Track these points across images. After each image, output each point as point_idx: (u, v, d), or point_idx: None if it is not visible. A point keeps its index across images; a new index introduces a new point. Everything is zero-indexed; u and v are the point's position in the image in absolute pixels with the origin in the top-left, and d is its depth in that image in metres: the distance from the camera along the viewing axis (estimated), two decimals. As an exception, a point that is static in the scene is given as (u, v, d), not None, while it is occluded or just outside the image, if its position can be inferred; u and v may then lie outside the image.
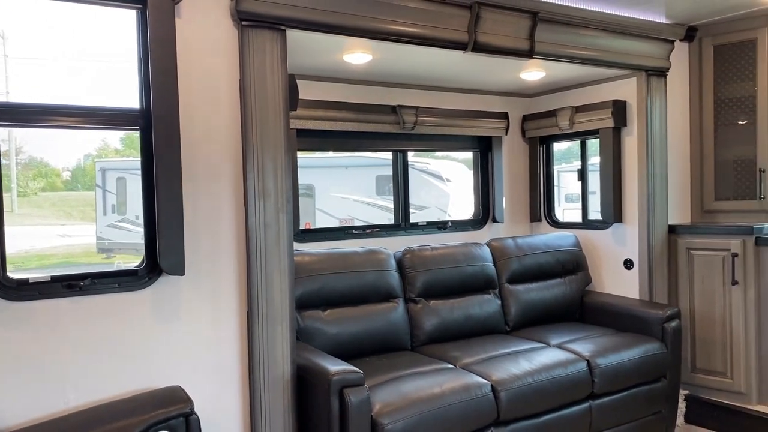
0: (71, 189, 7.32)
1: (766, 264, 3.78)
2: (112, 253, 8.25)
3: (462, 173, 9.57)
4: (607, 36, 3.75)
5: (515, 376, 3.12)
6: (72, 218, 7.52)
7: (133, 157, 8.77)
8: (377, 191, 9.59)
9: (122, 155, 8.78)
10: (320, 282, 3.36)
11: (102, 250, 8.11)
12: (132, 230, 7.98)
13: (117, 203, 8.29)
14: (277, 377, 2.71)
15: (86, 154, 7.45)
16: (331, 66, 3.55)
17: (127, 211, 8.19)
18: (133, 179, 8.27)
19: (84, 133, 6.27)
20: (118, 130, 2.52)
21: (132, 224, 7.99)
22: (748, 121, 4.01)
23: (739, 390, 3.85)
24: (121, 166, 8.40)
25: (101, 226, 8.01)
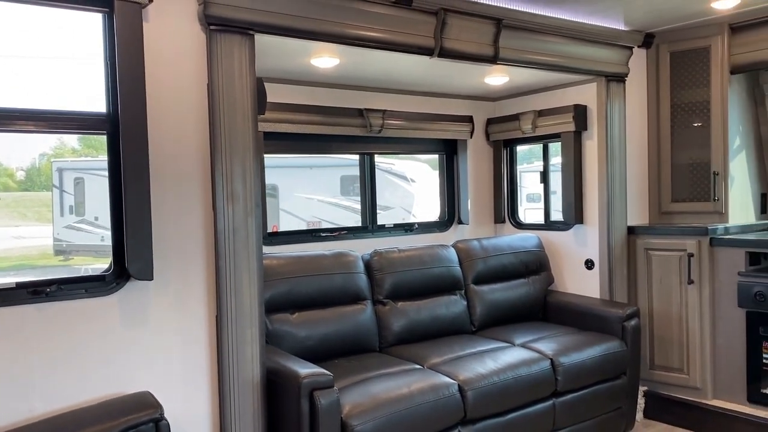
0: (26, 189, 7.13)
1: (720, 263, 3.93)
2: (70, 255, 8.07)
3: (426, 173, 9.65)
4: (569, 42, 3.84)
5: (481, 376, 3.18)
6: (27, 219, 7.34)
7: (92, 156, 8.60)
8: (342, 191, 9.60)
9: (80, 155, 8.60)
10: (289, 285, 3.37)
11: (59, 252, 7.94)
12: (91, 232, 7.82)
13: (75, 204, 8.11)
14: (246, 381, 2.72)
15: (42, 154, 7.26)
16: (298, 69, 3.56)
17: (86, 212, 8.02)
18: (92, 180, 8.10)
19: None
20: (84, 134, 2.49)
21: (91, 225, 7.84)
22: (702, 125, 4.15)
23: (695, 385, 3.99)
24: (79, 166, 8.22)
25: (58, 228, 7.84)
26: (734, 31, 4.00)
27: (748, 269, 3.83)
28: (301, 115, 3.79)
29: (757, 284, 3.75)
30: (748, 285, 3.79)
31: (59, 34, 2.47)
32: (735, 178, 4.15)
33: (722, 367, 3.94)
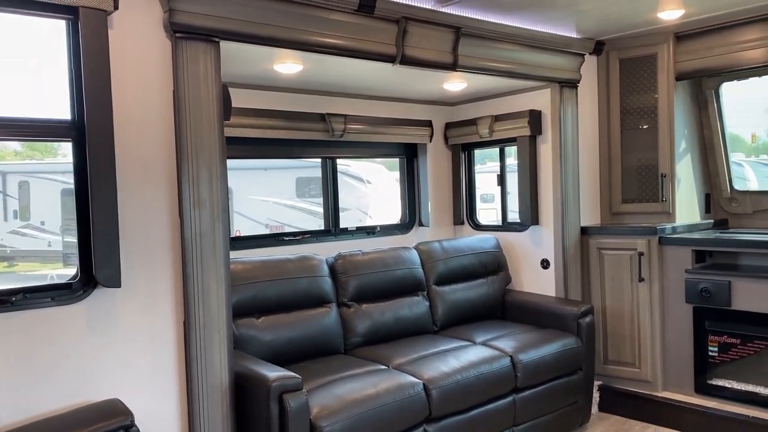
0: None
1: (668, 261, 4.12)
2: (15, 262, 7.85)
3: (382, 175, 9.73)
4: (524, 50, 3.97)
5: (445, 374, 3.27)
6: (-33, 225, 7.13)
7: (37, 159, 8.36)
8: (297, 193, 9.59)
9: (23, 157, 8.37)
10: (254, 290, 3.39)
11: (3, 259, 7.72)
12: (37, 237, 7.62)
13: (20, 208, 7.89)
14: (215, 386, 2.74)
15: (-19, 157, 7.06)
16: (261, 75, 3.59)
17: (31, 216, 7.82)
18: (38, 183, 7.89)
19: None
20: (49, 141, 2.47)
21: (37, 231, 7.64)
22: (650, 129, 4.34)
23: (647, 379, 4.18)
24: (23, 169, 8.01)
25: (2, 233, 7.62)
26: (679, 40, 4.20)
27: (694, 266, 4.03)
28: (264, 119, 3.81)
29: (703, 281, 3.95)
30: (694, 281, 3.98)
31: (22, 42, 2.45)
32: (681, 180, 4.36)
33: (671, 361, 4.13)
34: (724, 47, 4.03)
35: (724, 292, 3.85)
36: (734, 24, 3.93)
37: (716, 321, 3.94)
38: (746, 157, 7.82)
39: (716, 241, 4.04)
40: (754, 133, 8.95)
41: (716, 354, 3.96)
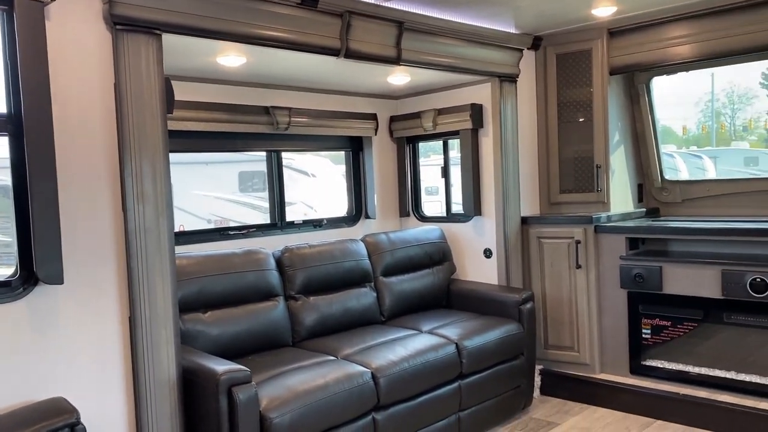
0: None
1: (603, 249, 4.30)
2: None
3: (327, 168, 9.72)
4: (465, 45, 4.06)
5: (393, 363, 3.34)
6: None
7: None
8: (240, 188, 9.48)
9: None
10: (199, 284, 3.37)
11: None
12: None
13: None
14: (162, 381, 2.72)
15: None
16: (204, 68, 3.56)
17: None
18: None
19: None
20: (-17, 135, 2.39)
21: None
22: (585, 122, 4.51)
23: (585, 362, 4.36)
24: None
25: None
26: (612, 36, 4.37)
27: (628, 253, 4.22)
28: (207, 113, 3.78)
29: (636, 267, 4.14)
30: (628, 268, 4.17)
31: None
32: (615, 170, 4.55)
33: (608, 344, 4.32)
34: (654, 43, 4.21)
35: (656, 277, 4.05)
36: (663, 21, 4.12)
37: (649, 305, 4.15)
38: (677, 149, 8.18)
39: (648, 228, 4.24)
40: (685, 126, 9.35)
41: (649, 336, 4.17)
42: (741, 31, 3.85)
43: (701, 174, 8.08)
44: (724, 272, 3.77)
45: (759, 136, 11.04)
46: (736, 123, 12.77)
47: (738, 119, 12.95)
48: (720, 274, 3.79)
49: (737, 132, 12.13)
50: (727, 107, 12.97)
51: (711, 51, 4.02)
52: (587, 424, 3.98)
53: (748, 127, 11.64)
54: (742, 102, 12.98)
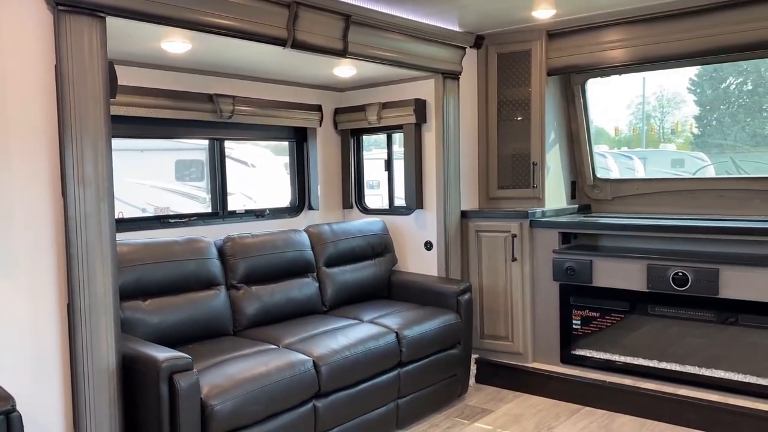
0: None
1: (537, 242, 4.47)
2: None
3: (267, 158, 9.65)
4: (410, 41, 4.14)
5: (334, 351, 3.39)
6: None
7: None
8: (177, 176, 9.31)
9: None
10: (139, 272, 3.33)
11: None
12: None
13: None
14: (101, 369, 2.68)
15: None
16: (148, 53, 3.50)
17: None
18: None
19: None
20: None
21: None
22: (523, 120, 4.66)
23: (518, 351, 4.52)
24: None
25: None
26: (551, 38, 4.53)
27: (561, 247, 4.40)
28: (150, 98, 3.72)
29: (568, 260, 4.32)
30: (561, 261, 4.36)
31: None
32: (550, 168, 4.73)
33: (540, 334, 4.50)
34: (590, 46, 4.39)
35: (586, 270, 4.25)
36: (600, 25, 4.30)
37: (579, 296, 4.34)
38: (609, 149, 8.51)
39: (580, 224, 4.44)
40: (617, 127, 9.74)
41: (579, 327, 4.37)
42: (671, 38, 4.07)
43: (631, 174, 8.44)
44: (649, 266, 3.99)
45: (685, 139, 11.60)
46: (664, 126, 13.37)
47: (666, 122, 13.57)
48: (645, 268, 4.00)
49: (665, 134, 12.73)
50: (656, 110, 13.56)
51: (643, 56, 4.23)
52: (520, 411, 4.14)
53: (676, 130, 12.23)
54: (671, 106, 13.61)
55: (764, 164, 6.78)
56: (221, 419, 2.80)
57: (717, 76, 10.75)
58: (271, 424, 3.04)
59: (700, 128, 11.01)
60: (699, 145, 10.16)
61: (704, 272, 3.78)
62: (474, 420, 4.00)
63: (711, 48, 3.96)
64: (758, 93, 10.73)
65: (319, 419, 3.28)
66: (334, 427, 3.37)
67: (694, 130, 11.11)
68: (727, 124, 10.68)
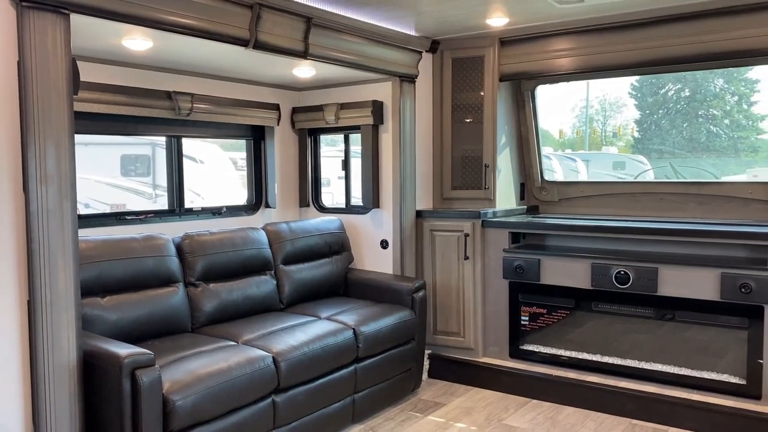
0: None
1: (489, 242, 4.64)
2: None
3: (215, 155, 9.58)
4: (369, 44, 4.24)
5: (293, 347, 3.46)
6: None
7: None
8: (123, 172, 9.16)
9: None
10: (98, 269, 3.32)
11: None
12: None
13: None
14: (62, 365, 2.69)
15: None
16: (107, 49, 3.49)
17: None
18: None
19: None
20: None
21: None
22: (476, 123, 4.82)
23: (470, 346, 4.68)
24: None
25: None
26: (503, 45, 4.70)
27: (510, 247, 4.58)
28: (108, 95, 3.71)
29: (517, 259, 4.51)
30: (510, 260, 4.54)
31: None
32: (501, 170, 4.90)
33: (491, 330, 4.67)
34: (540, 54, 4.58)
35: (534, 268, 4.44)
36: (550, 34, 4.49)
37: (528, 294, 4.53)
38: (554, 151, 8.80)
39: (529, 224, 4.63)
40: (561, 129, 10.06)
41: (527, 323, 4.56)
42: (615, 48, 4.29)
43: (574, 175, 8.76)
44: (593, 265, 4.20)
45: (626, 142, 12.07)
46: (606, 129, 13.87)
47: (609, 126, 14.07)
48: (590, 267, 4.22)
49: (607, 137, 13.21)
50: (599, 114, 14.05)
51: (589, 65, 4.44)
52: (470, 404, 4.30)
53: (617, 134, 12.70)
54: (613, 110, 14.11)
55: (700, 169, 7.18)
56: (183, 414, 2.84)
57: (657, 83, 11.23)
58: (231, 419, 3.09)
59: (640, 132, 11.49)
60: (639, 148, 10.61)
61: (644, 271, 4.01)
62: (427, 413, 4.13)
63: (652, 59, 4.20)
64: (696, 99, 11.27)
65: (278, 414, 3.34)
66: (293, 422, 3.44)
67: (635, 133, 11.59)
68: (665, 129, 11.18)
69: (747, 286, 3.68)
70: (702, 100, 11.30)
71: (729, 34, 3.89)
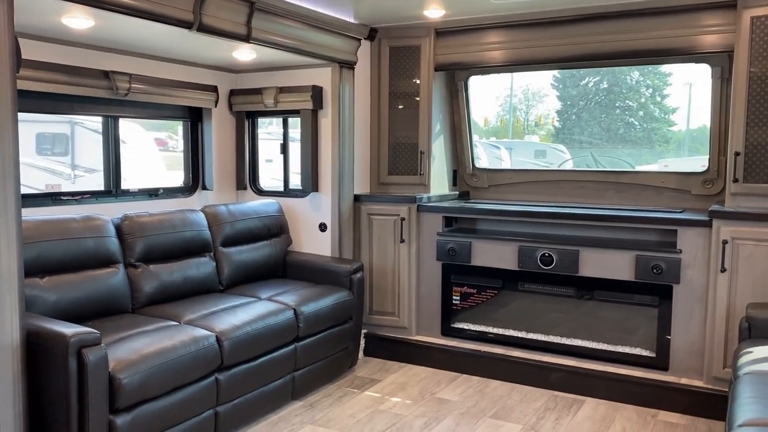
0: None
1: (423, 225, 4.84)
2: None
3: (138, 135, 9.33)
4: (310, 29, 4.31)
5: (235, 327, 3.54)
6: None
7: None
8: (38, 150, 8.81)
9: None
10: (37, 249, 3.28)
11: None
12: None
13: None
14: (5, 345, 2.66)
15: None
16: (45, 26, 3.42)
17: None
18: None
19: None
20: None
21: None
22: (412, 111, 4.98)
23: (404, 325, 4.88)
24: None
25: None
26: (439, 36, 4.87)
27: (444, 230, 4.79)
28: (44, 73, 3.62)
29: (450, 242, 4.72)
30: (443, 242, 4.75)
31: None
32: (435, 157, 5.09)
33: (424, 309, 4.88)
34: (473, 46, 4.78)
35: (466, 251, 4.67)
36: (483, 27, 4.69)
37: (459, 275, 4.77)
38: (479, 139, 9.10)
39: (461, 209, 4.85)
40: (486, 118, 10.39)
41: (458, 302, 4.80)
42: (544, 43, 4.53)
43: (498, 163, 9.09)
44: (520, 248, 4.47)
45: (547, 132, 12.60)
46: (529, 119, 14.40)
47: (531, 115, 14.60)
48: (517, 249, 4.48)
49: (530, 127, 13.72)
50: (522, 103, 14.55)
51: (518, 58, 4.68)
52: (404, 380, 4.50)
53: (539, 123, 13.22)
54: (536, 99, 14.65)
55: (618, 159, 7.64)
56: (129, 392, 2.88)
57: (578, 74, 11.76)
58: (175, 396, 3.15)
59: (561, 122, 12.02)
60: (560, 138, 11.11)
61: (567, 253, 4.31)
62: (364, 389, 4.30)
63: (577, 55, 4.47)
64: (613, 92, 11.89)
65: (221, 391, 3.42)
66: (235, 399, 3.53)
67: (556, 123, 12.12)
68: (585, 119, 11.75)
69: (658, 267, 4.03)
70: (619, 93, 11.93)
71: (648, 34, 4.20)
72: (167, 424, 3.11)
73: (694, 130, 9.21)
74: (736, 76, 3.84)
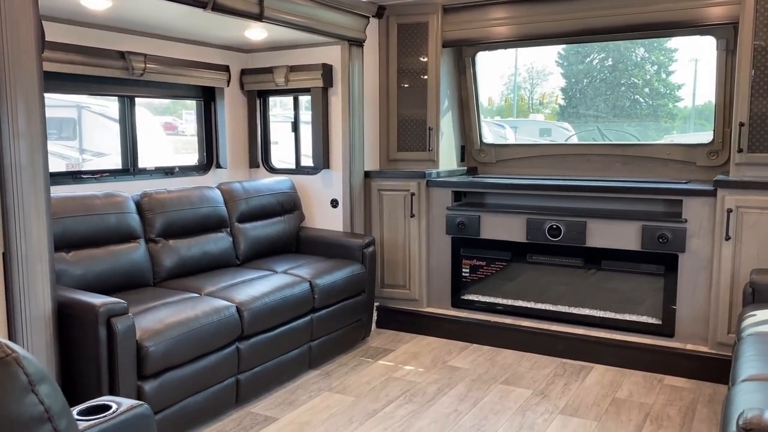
0: None
1: (433, 200, 4.94)
2: None
3: (144, 118, 9.41)
4: (321, 8, 4.37)
5: (255, 298, 3.66)
6: None
7: None
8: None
9: None
10: (62, 225, 3.40)
11: None
12: None
13: None
14: (38, 315, 2.80)
15: None
16: (62, 7, 3.50)
17: None
18: None
19: None
20: None
21: None
22: (420, 88, 5.05)
23: (415, 297, 5.00)
24: None
25: None
26: (446, 12, 4.93)
27: (453, 205, 4.89)
28: (60, 53, 3.72)
29: (459, 216, 4.82)
30: (453, 216, 4.85)
31: None
32: (444, 133, 5.17)
33: (434, 282, 5.00)
34: (480, 22, 4.84)
35: (475, 224, 4.77)
36: (489, 4, 4.75)
37: (469, 248, 4.87)
38: (483, 118, 9.15)
39: (470, 183, 4.94)
40: (491, 97, 10.44)
41: (468, 274, 4.91)
42: (549, 18, 4.59)
43: (504, 141, 9.17)
44: (528, 220, 4.57)
45: (552, 110, 12.61)
46: (534, 97, 14.39)
47: (536, 94, 14.59)
48: (525, 222, 4.58)
49: (534, 105, 13.72)
50: (527, 82, 14.53)
51: (525, 33, 4.74)
52: (417, 349, 4.63)
53: (542, 101, 13.22)
54: (540, 78, 14.62)
55: (624, 132, 7.69)
56: (155, 359, 3.01)
57: (582, 51, 11.73)
58: (199, 364, 3.28)
59: (565, 100, 12.03)
60: (564, 115, 11.12)
61: (574, 224, 4.41)
62: (378, 358, 4.44)
63: (580, 29, 4.53)
64: (618, 69, 11.88)
65: (242, 359, 3.55)
66: (255, 367, 3.66)
67: (560, 101, 12.12)
68: (590, 96, 11.75)
69: (664, 236, 4.13)
70: (624, 70, 11.92)
71: (654, 7, 4.25)
72: (192, 390, 3.25)
73: (699, 106, 9.24)
74: (741, 48, 3.90)
